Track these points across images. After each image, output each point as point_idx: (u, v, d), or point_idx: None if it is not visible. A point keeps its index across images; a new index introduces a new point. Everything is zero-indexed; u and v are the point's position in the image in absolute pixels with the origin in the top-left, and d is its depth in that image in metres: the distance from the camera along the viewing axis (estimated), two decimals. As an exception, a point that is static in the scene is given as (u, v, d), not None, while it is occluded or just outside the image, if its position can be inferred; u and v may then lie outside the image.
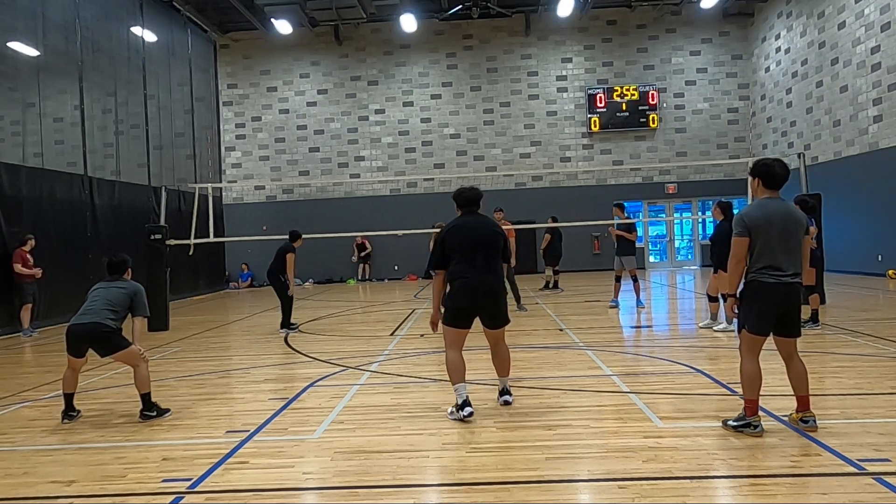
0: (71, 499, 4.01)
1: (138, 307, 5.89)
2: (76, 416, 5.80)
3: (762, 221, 4.62)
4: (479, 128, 25.13)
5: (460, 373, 5.42)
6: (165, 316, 12.44)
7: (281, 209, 24.62)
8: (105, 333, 5.68)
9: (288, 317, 11.29)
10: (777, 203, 4.71)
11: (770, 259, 4.61)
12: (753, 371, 4.67)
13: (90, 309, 5.78)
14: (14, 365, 9.46)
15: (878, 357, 7.25)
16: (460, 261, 5.47)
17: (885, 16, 16.99)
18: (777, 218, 4.63)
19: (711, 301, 9.73)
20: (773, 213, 4.65)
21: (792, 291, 4.65)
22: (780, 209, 4.68)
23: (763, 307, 4.63)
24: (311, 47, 25.32)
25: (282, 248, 11.16)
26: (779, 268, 4.61)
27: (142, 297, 5.91)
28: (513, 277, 12.66)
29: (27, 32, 14.14)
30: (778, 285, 4.60)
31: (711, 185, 24.48)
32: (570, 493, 3.90)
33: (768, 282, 4.60)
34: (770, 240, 4.61)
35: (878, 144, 17.49)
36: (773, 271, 4.61)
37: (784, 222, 4.63)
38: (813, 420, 4.72)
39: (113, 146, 17.05)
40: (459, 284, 5.48)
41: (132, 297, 5.86)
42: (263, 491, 3.99)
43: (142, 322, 5.98)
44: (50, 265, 13.39)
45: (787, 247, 4.63)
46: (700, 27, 24.73)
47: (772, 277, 4.60)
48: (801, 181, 12.25)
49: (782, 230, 4.61)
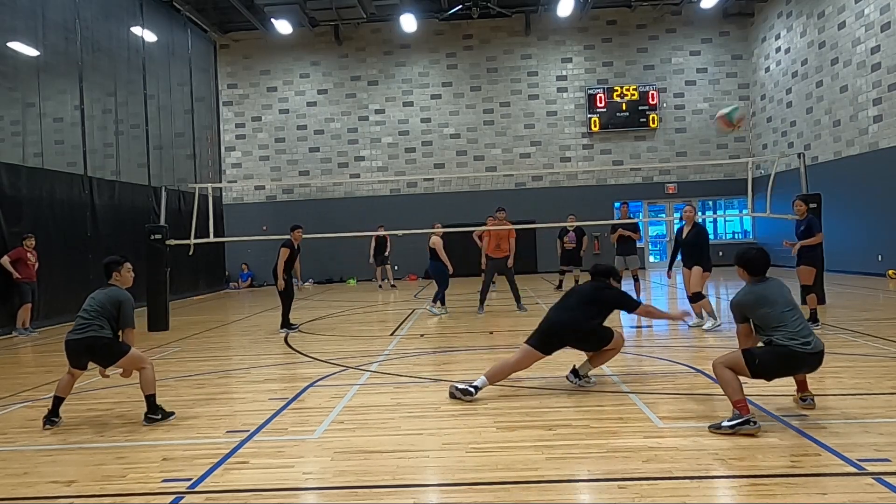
0: (71, 499, 4.01)
1: (123, 318, 5.66)
2: (58, 423, 5.63)
3: (760, 300, 4.92)
4: (479, 128, 25.13)
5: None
6: (165, 316, 12.45)
7: (281, 209, 24.62)
8: (102, 346, 5.59)
9: (286, 316, 11.29)
10: (765, 283, 5.03)
11: (788, 328, 4.79)
12: (730, 377, 4.82)
13: (83, 321, 5.63)
14: (14, 365, 9.46)
15: (878, 357, 7.25)
16: None
17: (885, 16, 16.98)
18: (772, 292, 4.94)
19: (694, 301, 9.70)
20: (766, 290, 4.96)
21: (818, 359, 4.88)
22: (771, 286, 4.99)
23: (782, 370, 4.89)
24: (311, 47, 25.32)
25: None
26: (798, 335, 4.78)
27: (127, 307, 5.67)
28: (513, 277, 12.68)
29: (27, 32, 14.14)
30: (811, 355, 4.81)
31: (711, 185, 24.52)
32: (570, 493, 3.90)
33: (799, 351, 4.76)
34: (776, 312, 4.85)
35: (878, 144, 17.49)
36: (797, 338, 4.77)
37: (782, 294, 4.94)
38: (811, 399, 5.14)
39: (113, 146, 17.05)
40: None
41: (118, 307, 5.65)
42: (263, 491, 3.99)
43: (129, 334, 5.72)
44: (50, 265, 13.41)
45: (795, 315, 4.86)
46: (700, 27, 24.73)
47: (800, 347, 4.76)
48: (801, 181, 12.24)
49: (785, 301, 4.89)
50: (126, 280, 5.91)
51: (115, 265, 5.86)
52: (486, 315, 12.37)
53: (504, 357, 6.50)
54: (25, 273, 12.19)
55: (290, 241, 11.26)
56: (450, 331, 10.72)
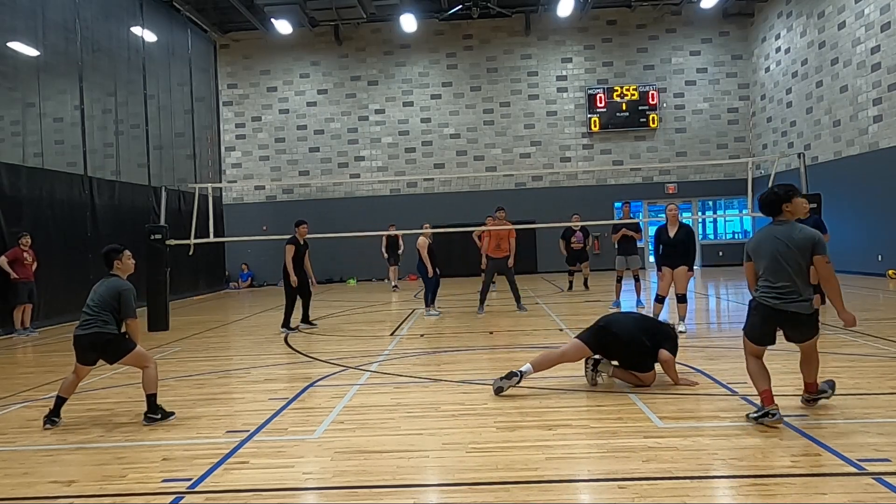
0: (71, 499, 4.01)
1: (123, 309, 5.61)
2: (58, 423, 5.61)
3: (755, 249, 5.11)
4: (479, 128, 25.14)
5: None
6: (165, 316, 12.45)
7: (281, 209, 24.63)
8: (106, 342, 5.58)
9: (288, 316, 11.28)
10: (768, 229, 5.08)
11: (768, 281, 4.97)
12: (754, 368, 5.04)
13: (87, 316, 5.62)
14: (14, 365, 9.45)
15: (878, 357, 7.25)
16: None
17: (885, 16, 16.99)
18: (766, 245, 5.00)
19: (681, 302, 9.58)
20: (762, 241, 5.05)
21: (778, 312, 4.93)
22: (769, 237, 5.02)
23: (757, 326, 5.08)
24: (311, 47, 25.32)
25: None
26: (773, 289, 4.93)
27: (127, 297, 5.61)
28: (513, 277, 12.68)
29: (27, 32, 14.14)
30: (778, 311, 4.92)
31: (711, 185, 24.52)
32: (570, 493, 3.90)
33: (765, 304, 4.96)
34: (760, 264, 5.04)
35: (878, 144, 17.49)
36: (770, 291, 4.95)
37: (772, 246, 4.96)
38: (815, 401, 5.28)
39: (113, 146, 17.06)
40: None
41: (118, 298, 5.61)
42: (263, 491, 3.99)
43: (132, 324, 5.68)
44: (50, 265, 13.40)
45: (775, 268, 4.93)
46: (700, 27, 24.73)
47: (768, 301, 4.94)
48: (802, 181, 12.24)
49: (772, 256, 4.95)
50: (128, 268, 5.87)
51: (115, 253, 5.83)
52: (486, 315, 12.36)
53: (550, 349, 6.67)
54: (22, 273, 12.16)
55: (295, 237, 11.21)
56: (450, 331, 10.72)
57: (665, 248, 9.40)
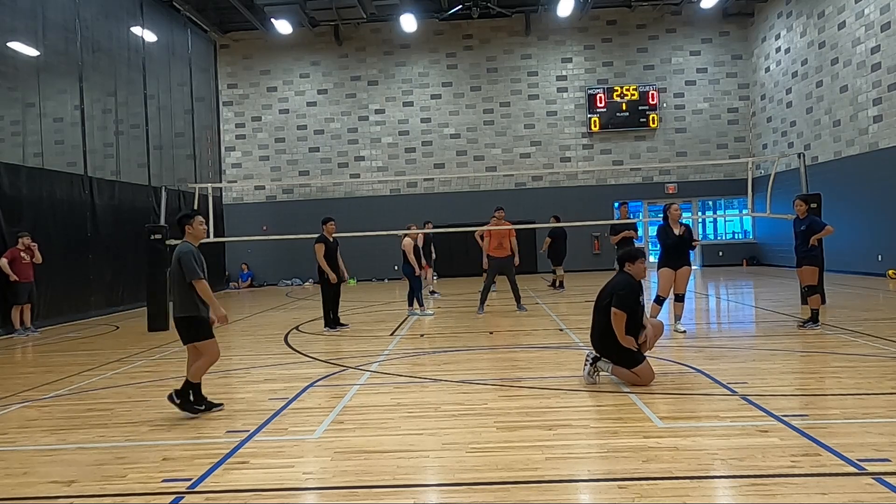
0: (71, 499, 4.01)
1: (185, 271, 5.63)
2: (202, 411, 5.77)
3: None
4: (479, 128, 25.13)
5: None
6: (165, 316, 12.44)
7: (281, 209, 24.63)
8: (181, 324, 5.72)
9: (327, 314, 11.15)
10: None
11: None
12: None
13: (172, 296, 5.78)
14: (14, 365, 9.45)
15: (878, 357, 7.25)
16: None
17: (885, 16, 16.98)
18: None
19: (680, 301, 9.56)
20: None
21: None
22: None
23: None
24: (311, 47, 25.32)
25: None
26: None
27: (186, 259, 5.62)
28: (513, 277, 12.68)
29: (27, 32, 14.14)
30: None
31: (711, 185, 24.52)
32: (570, 493, 3.90)
33: None
34: None
35: (878, 144, 17.49)
36: None
37: None
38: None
39: (113, 146, 17.06)
40: None
41: (178, 263, 5.66)
42: (263, 491, 3.99)
43: (198, 285, 5.62)
44: (50, 265, 13.40)
45: None
46: (700, 27, 24.73)
47: None
48: (801, 181, 12.24)
49: None
50: (199, 233, 5.97)
51: (187, 219, 5.95)
52: (486, 315, 12.36)
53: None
54: (21, 273, 12.14)
55: (324, 235, 11.20)
56: (450, 331, 10.72)
57: (670, 249, 9.38)
